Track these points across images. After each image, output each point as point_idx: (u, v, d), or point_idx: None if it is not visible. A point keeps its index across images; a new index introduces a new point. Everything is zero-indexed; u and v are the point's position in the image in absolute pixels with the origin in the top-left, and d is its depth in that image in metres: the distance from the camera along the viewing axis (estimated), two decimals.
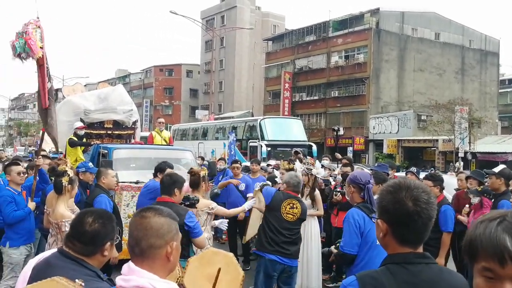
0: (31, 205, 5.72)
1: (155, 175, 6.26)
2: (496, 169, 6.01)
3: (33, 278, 2.21)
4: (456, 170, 20.87)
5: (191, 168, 5.47)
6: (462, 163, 27.27)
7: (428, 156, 35.76)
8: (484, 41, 47.10)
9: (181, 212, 4.03)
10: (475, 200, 5.97)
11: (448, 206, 5.54)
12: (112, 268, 4.81)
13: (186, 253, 4.04)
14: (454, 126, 30.62)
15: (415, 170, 7.79)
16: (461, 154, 29.79)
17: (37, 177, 6.14)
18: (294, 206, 5.31)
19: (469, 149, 31.47)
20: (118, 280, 1.78)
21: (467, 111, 31.67)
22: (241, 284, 3.27)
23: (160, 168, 6.23)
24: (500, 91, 49.85)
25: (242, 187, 8.48)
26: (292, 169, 6.32)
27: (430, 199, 1.83)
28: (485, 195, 5.93)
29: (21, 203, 5.62)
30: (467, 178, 7.09)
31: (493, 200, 5.81)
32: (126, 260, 1.89)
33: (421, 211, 1.80)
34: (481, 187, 6.18)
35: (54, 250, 2.47)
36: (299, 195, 5.65)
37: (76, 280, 1.93)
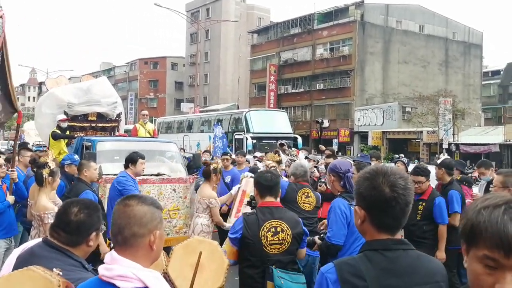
0: (10, 198, 5.62)
1: (126, 166, 6.17)
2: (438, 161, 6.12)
3: (16, 267, 2.18)
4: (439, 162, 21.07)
5: (205, 160, 5.70)
6: (446, 155, 27.54)
7: (412, 148, 36.07)
8: (467, 34, 47.50)
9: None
10: None
11: (441, 198, 5.52)
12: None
13: None
14: (438, 118, 30.93)
15: (405, 161, 7.82)
16: (445, 146, 30.10)
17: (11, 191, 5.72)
18: (309, 195, 5.32)
19: (453, 141, 31.84)
20: (101, 269, 1.76)
21: (451, 103, 32.01)
22: (225, 272, 3.28)
23: (132, 159, 6.13)
24: (483, 83, 50.43)
25: (228, 179, 8.50)
26: (280, 161, 6.37)
27: (407, 184, 1.83)
28: (464, 183, 6.04)
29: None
30: None
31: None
32: None
33: (398, 196, 1.79)
34: (460, 176, 6.27)
35: (39, 240, 2.45)
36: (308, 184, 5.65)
37: (54, 269, 1.91)
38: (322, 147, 11.28)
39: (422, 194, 5.48)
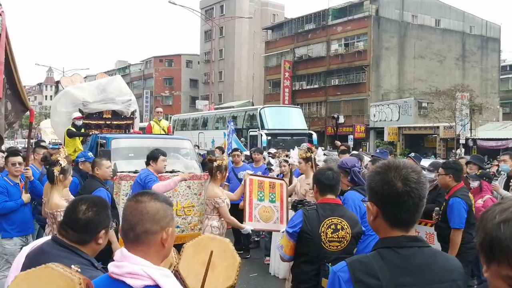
0: (25, 197, 5.65)
1: (147, 163, 6.19)
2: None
3: (26, 266, 2.17)
4: (457, 157, 20.85)
5: (210, 156, 5.58)
6: (463, 150, 27.25)
7: (429, 143, 35.69)
8: (484, 27, 46.82)
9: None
10: (474, 184, 5.93)
11: (457, 199, 4.93)
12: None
13: None
14: (455, 113, 30.52)
15: (413, 155, 7.68)
16: (462, 141, 29.72)
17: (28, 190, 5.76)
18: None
19: (470, 136, 31.42)
20: (111, 266, 1.73)
21: (468, 98, 31.57)
22: (237, 271, 3.23)
23: (153, 156, 6.16)
24: (501, 77, 49.66)
25: (241, 175, 8.49)
26: (309, 158, 6.29)
27: (420, 178, 1.77)
28: (484, 178, 5.89)
29: (14, 194, 5.58)
30: (467, 163, 7.07)
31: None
32: None
33: (411, 191, 1.73)
34: (480, 171, 6.15)
35: (48, 238, 2.43)
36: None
37: (72, 266, 1.88)
38: (338, 143, 11.19)
39: (447, 193, 5.14)
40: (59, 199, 4.33)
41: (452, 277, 1.77)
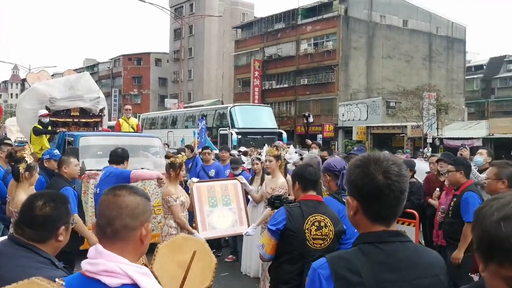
0: None
1: (120, 162, 6.00)
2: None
3: None
4: (424, 156, 21.23)
5: (167, 152, 5.39)
6: (430, 149, 27.75)
7: (397, 143, 36.27)
8: (450, 28, 47.83)
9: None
10: None
11: (471, 193, 4.90)
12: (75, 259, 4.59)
13: None
14: (422, 112, 31.11)
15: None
16: (429, 140, 30.32)
17: None
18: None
19: (437, 135, 32.08)
20: (84, 264, 1.62)
21: (434, 98, 32.23)
22: (214, 272, 3.17)
23: (127, 155, 6.03)
24: (466, 77, 50.87)
25: (212, 173, 8.43)
26: (279, 156, 6.19)
27: (401, 171, 1.72)
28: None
29: None
30: (437, 161, 7.16)
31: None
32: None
33: (392, 184, 1.68)
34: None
35: (5, 237, 2.32)
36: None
37: (56, 280, 1.77)
38: (309, 142, 11.20)
39: (457, 189, 5.10)
40: (24, 196, 4.14)
41: (434, 272, 1.74)
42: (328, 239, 3.39)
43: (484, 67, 61.23)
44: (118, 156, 6.02)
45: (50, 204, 2.20)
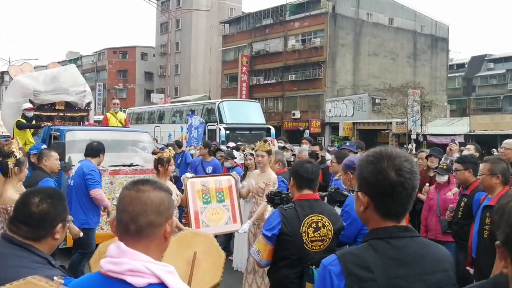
0: None
1: (96, 155, 6.00)
2: None
3: None
4: (409, 152, 21.37)
5: (155, 148, 5.31)
6: (414, 145, 28.00)
7: (382, 139, 36.52)
8: (434, 27, 48.23)
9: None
10: (443, 178, 5.94)
11: (484, 193, 4.61)
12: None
13: None
14: (407, 109, 31.42)
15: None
16: (413, 136, 30.62)
17: None
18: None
19: (421, 131, 32.42)
20: (106, 263, 1.52)
21: (419, 95, 32.57)
22: (223, 267, 3.12)
23: (102, 148, 6.08)
24: (449, 75, 51.45)
25: (209, 169, 8.39)
26: (270, 151, 6.14)
27: (413, 168, 1.72)
28: (452, 172, 5.89)
29: None
30: (427, 156, 7.19)
31: None
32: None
33: (404, 181, 1.68)
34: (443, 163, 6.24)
35: None
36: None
37: (55, 278, 1.70)
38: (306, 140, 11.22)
39: (467, 189, 4.97)
40: (13, 193, 4.04)
41: (444, 267, 1.74)
42: (328, 239, 3.28)
43: (466, 65, 61.92)
44: (93, 150, 5.99)
45: (47, 200, 2.13)
